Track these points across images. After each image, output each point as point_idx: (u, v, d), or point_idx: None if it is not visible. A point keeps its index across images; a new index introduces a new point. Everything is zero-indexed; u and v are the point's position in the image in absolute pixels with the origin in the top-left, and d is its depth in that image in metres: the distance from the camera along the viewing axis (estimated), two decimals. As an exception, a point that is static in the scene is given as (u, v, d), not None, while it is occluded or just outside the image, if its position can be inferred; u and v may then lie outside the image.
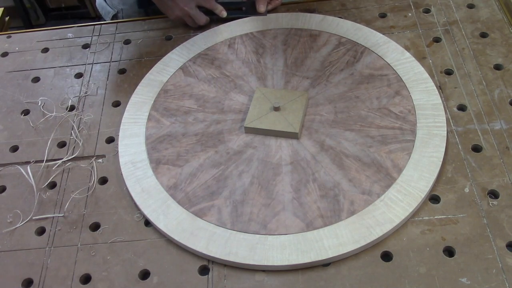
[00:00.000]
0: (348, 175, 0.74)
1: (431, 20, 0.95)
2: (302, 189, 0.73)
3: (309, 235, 0.69)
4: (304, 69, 0.89)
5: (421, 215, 0.70)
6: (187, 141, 0.82)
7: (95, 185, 0.80)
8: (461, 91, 0.83)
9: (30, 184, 0.80)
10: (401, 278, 0.65)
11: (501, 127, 0.78)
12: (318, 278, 0.66)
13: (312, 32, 0.94)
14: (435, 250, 0.66)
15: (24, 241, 0.74)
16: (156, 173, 0.78)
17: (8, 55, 1.03)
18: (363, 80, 0.86)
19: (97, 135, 0.86)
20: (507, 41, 0.89)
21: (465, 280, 0.63)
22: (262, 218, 0.71)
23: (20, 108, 0.92)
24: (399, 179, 0.73)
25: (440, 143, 0.76)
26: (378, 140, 0.77)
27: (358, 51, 0.90)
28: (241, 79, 0.89)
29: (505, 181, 0.72)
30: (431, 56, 0.89)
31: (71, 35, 1.05)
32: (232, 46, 0.95)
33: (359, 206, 0.71)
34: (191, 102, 0.87)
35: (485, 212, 0.69)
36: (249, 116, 0.81)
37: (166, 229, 0.71)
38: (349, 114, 0.82)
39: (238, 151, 0.79)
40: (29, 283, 0.70)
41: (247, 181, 0.75)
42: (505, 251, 0.65)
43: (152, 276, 0.69)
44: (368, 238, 0.67)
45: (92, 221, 0.75)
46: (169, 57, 0.95)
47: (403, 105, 0.81)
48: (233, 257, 0.68)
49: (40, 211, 0.77)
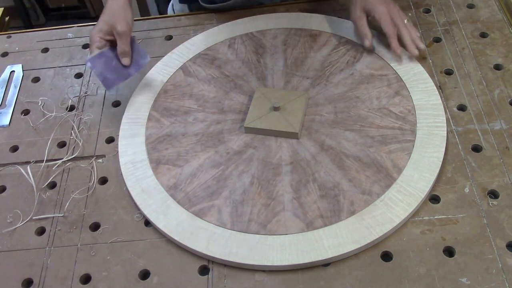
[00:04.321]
0: (348, 175, 0.74)
1: (431, 20, 0.95)
2: (302, 189, 0.73)
3: (309, 235, 0.69)
4: (304, 69, 0.89)
5: (421, 215, 0.70)
6: (187, 141, 0.82)
7: (95, 185, 0.80)
8: (461, 91, 0.83)
9: (30, 184, 0.80)
10: (401, 278, 0.65)
11: (501, 127, 0.78)
12: (318, 278, 0.66)
13: (312, 32, 0.94)
14: (435, 250, 0.66)
15: (24, 241, 0.74)
16: (156, 173, 0.78)
17: (8, 55, 1.03)
18: (363, 80, 0.86)
19: (97, 135, 0.86)
20: (507, 41, 0.89)
21: (465, 280, 0.63)
22: (262, 218, 0.71)
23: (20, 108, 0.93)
24: (399, 179, 0.73)
25: (440, 143, 0.76)
26: (378, 140, 0.77)
27: (358, 51, 0.90)
28: (241, 79, 0.89)
29: (505, 181, 0.72)
30: (431, 56, 0.89)
31: (71, 35, 1.05)
32: (232, 46, 0.95)
33: (359, 206, 0.70)
34: (191, 102, 0.87)
35: (485, 212, 0.69)
36: (249, 116, 0.81)
37: (166, 229, 0.71)
38: (349, 114, 0.82)
39: (238, 151, 0.79)
40: (29, 283, 0.70)
41: (247, 181, 0.75)
42: (505, 251, 0.65)
43: (152, 276, 0.69)
44: (368, 238, 0.67)
45: (92, 221, 0.75)
46: (169, 57, 0.95)
47: (403, 105, 0.81)
48: (233, 257, 0.68)
49: (40, 211, 0.77)
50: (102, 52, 0.83)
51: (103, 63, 0.83)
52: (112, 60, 0.84)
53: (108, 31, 0.83)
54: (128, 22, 0.83)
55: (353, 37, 0.92)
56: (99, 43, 0.83)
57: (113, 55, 0.84)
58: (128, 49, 0.83)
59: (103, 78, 0.83)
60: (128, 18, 0.83)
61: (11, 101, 0.94)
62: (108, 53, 0.83)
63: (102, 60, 0.83)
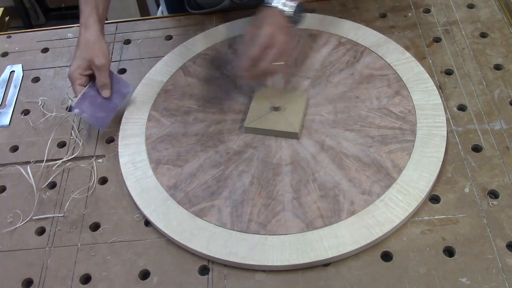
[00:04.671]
0: (348, 175, 0.74)
1: (431, 20, 0.95)
2: (302, 189, 0.73)
3: (309, 235, 0.69)
4: (304, 69, 0.89)
5: (421, 215, 0.70)
6: (187, 141, 0.82)
7: (95, 185, 0.80)
8: (461, 91, 0.83)
9: (30, 184, 0.80)
10: (401, 278, 0.65)
11: (501, 127, 0.78)
12: (318, 278, 0.66)
13: (312, 32, 0.94)
14: (435, 250, 0.66)
15: (24, 241, 0.74)
16: (156, 173, 0.78)
17: (8, 55, 1.03)
18: (363, 80, 0.86)
19: (97, 135, 0.86)
20: (507, 41, 0.89)
21: (465, 280, 0.63)
22: (262, 218, 0.71)
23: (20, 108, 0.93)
24: (399, 179, 0.73)
25: (440, 143, 0.76)
26: (378, 140, 0.77)
27: (358, 51, 0.90)
28: (241, 79, 0.89)
29: (505, 181, 0.72)
30: (431, 56, 0.89)
31: (71, 35, 1.05)
32: (232, 46, 0.95)
33: (359, 206, 0.70)
34: (191, 102, 0.87)
35: (485, 212, 0.69)
36: (249, 116, 0.81)
37: (166, 229, 0.71)
38: (349, 114, 0.82)
39: (238, 151, 0.79)
40: (29, 283, 0.70)
41: (247, 181, 0.75)
42: (505, 251, 0.65)
43: (152, 276, 0.69)
44: (368, 238, 0.67)
45: (92, 221, 0.75)
46: (169, 57, 0.95)
47: (403, 105, 0.81)
48: (233, 257, 0.68)
49: (40, 211, 0.77)
50: (84, 93, 0.81)
51: (89, 105, 0.82)
52: (96, 98, 0.83)
53: (87, 66, 0.82)
54: (105, 54, 0.82)
55: (353, 37, 0.92)
56: (80, 80, 0.82)
57: (95, 93, 0.83)
58: (108, 81, 0.83)
59: (95, 119, 0.83)
60: (104, 50, 0.82)
61: (11, 101, 0.94)
62: (90, 93, 0.82)
63: (87, 102, 0.82)
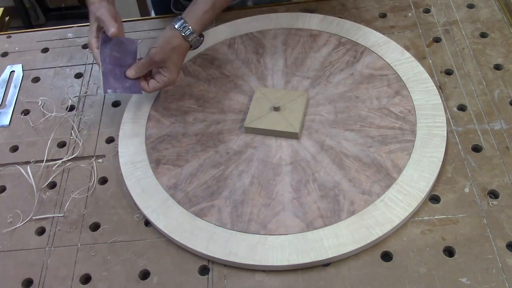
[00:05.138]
0: (348, 175, 0.74)
1: (431, 20, 0.95)
2: (302, 189, 0.73)
3: (309, 235, 0.69)
4: (304, 69, 0.89)
5: (421, 215, 0.70)
6: (187, 141, 0.82)
7: (95, 185, 0.80)
8: (461, 91, 0.83)
9: (30, 184, 0.80)
10: (401, 278, 0.65)
11: (501, 127, 0.78)
12: (318, 278, 0.66)
13: (312, 32, 0.94)
14: (435, 250, 0.66)
15: (24, 241, 0.74)
16: (156, 173, 0.78)
17: (8, 55, 1.03)
18: (363, 80, 0.86)
19: (97, 135, 0.86)
20: (507, 41, 0.89)
21: (465, 280, 0.63)
22: (262, 218, 0.71)
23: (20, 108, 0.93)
24: (399, 179, 0.73)
25: (440, 143, 0.76)
26: (378, 140, 0.77)
27: (358, 51, 0.90)
28: (241, 79, 0.89)
29: (505, 181, 0.72)
30: (431, 56, 0.89)
31: (71, 35, 1.05)
32: (232, 46, 0.95)
33: (359, 206, 0.70)
34: (191, 102, 0.87)
35: (485, 212, 0.69)
36: (249, 116, 0.81)
37: (166, 229, 0.71)
38: (349, 114, 0.82)
39: (238, 151, 0.79)
40: (29, 283, 0.70)
41: (247, 181, 0.75)
42: (505, 251, 0.65)
43: (152, 276, 0.69)
44: (368, 238, 0.67)
45: (92, 221, 0.75)
46: (169, 57, 0.95)
47: (403, 105, 0.81)
48: (233, 257, 0.68)
49: (40, 211, 0.77)
50: (103, 73, 0.80)
51: (114, 80, 0.81)
52: (115, 70, 0.81)
53: (97, 27, 0.81)
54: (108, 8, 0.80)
55: (353, 37, 0.92)
56: (97, 43, 0.81)
57: (111, 66, 0.81)
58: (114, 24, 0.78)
59: (128, 89, 0.82)
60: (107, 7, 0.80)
61: (11, 101, 0.94)
62: (106, 69, 0.80)
63: (111, 78, 0.80)
